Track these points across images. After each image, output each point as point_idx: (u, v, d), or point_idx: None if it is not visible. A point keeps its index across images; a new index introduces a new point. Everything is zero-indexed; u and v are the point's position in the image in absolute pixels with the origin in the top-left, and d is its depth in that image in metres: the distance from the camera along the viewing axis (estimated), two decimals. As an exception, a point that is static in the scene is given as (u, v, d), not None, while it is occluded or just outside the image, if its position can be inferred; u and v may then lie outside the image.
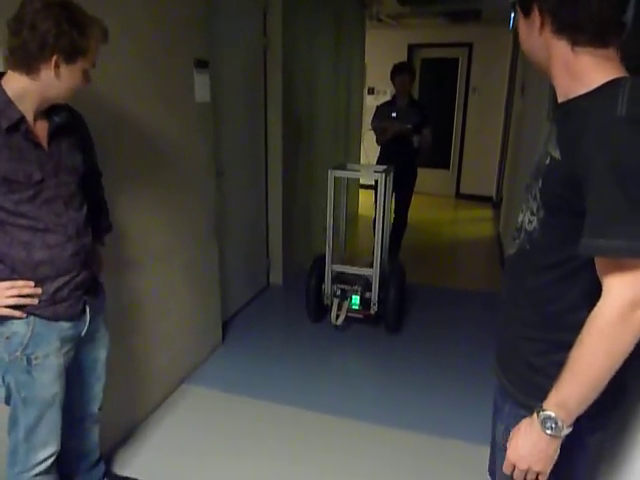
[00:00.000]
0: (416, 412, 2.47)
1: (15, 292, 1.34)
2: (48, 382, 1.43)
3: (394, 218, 4.25)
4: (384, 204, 3.13)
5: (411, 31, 6.88)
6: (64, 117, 1.41)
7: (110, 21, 1.38)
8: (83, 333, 1.53)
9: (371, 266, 3.17)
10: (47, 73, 1.26)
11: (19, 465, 1.49)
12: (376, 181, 3.14)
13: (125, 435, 2.25)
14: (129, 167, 2.09)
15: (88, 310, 1.52)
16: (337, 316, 3.17)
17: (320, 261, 3.28)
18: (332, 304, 3.22)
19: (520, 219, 1.09)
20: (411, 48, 7.02)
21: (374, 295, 3.13)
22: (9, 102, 1.26)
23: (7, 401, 1.45)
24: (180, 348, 2.64)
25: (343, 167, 3.39)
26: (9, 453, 1.50)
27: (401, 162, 3.88)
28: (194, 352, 2.78)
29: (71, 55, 1.26)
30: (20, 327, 1.36)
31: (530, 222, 1.04)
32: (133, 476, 2.00)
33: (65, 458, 1.70)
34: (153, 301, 2.35)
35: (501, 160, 6.62)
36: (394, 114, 4.03)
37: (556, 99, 1.02)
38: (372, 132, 4.27)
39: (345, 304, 3.17)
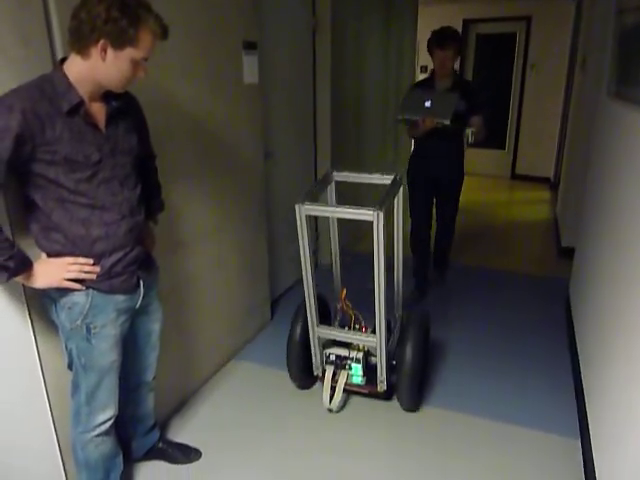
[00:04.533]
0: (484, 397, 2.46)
1: (77, 268, 1.43)
2: (105, 350, 1.53)
3: (436, 232, 3.52)
4: (384, 248, 1.98)
5: (466, 5, 6.65)
6: (121, 101, 1.47)
7: (160, 3, 1.43)
8: (137, 306, 1.62)
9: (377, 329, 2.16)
10: (96, 56, 1.32)
11: (81, 426, 1.61)
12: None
13: (178, 405, 2.37)
14: (180, 150, 2.16)
15: (142, 284, 1.61)
16: (332, 395, 2.32)
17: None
18: (324, 376, 2.35)
19: None
20: (466, 23, 6.79)
21: (381, 370, 2.25)
22: (70, 86, 1.34)
23: (70, 366, 1.57)
24: (230, 325, 2.73)
25: (325, 185, 2.35)
26: (72, 415, 1.62)
27: (442, 161, 3.17)
28: (244, 329, 2.87)
29: (118, 42, 1.30)
30: (80, 298, 1.46)
31: None
32: (185, 442, 2.12)
33: (123, 422, 1.83)
34: (205, 279, 2.44)
35: (560, 139, 6.34)
36: (428, 103, 2.91)
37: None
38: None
39: (342, 376, 2.32)
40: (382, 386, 2.27)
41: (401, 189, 2.26)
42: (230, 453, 2.11)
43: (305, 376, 2.45)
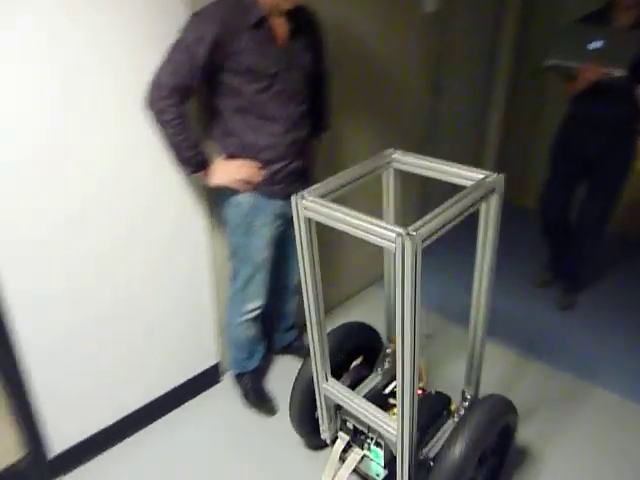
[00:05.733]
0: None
1: (246, 170, 1.62)
2: (260, 247, 1.74)
3: (577, 232, 2.51)
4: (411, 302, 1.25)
5: None
6: (302, 19, 1.58)
7: None
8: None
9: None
10: None
11: (235, 309, 1.88)
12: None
13: (318, 314, 2.58)
14: (347, 76, 2.22)
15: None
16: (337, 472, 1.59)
17: None
18: (333, 445, 1.65)
19: None
20: None
21: (402, 475, 1.45)
22: (255, 1, 1.46)
23: (231, 256, 1.81)
24: (374, 252, 2.82)
25: (379, 170, 1.64)
26: (229, 298, 1.90)
27: (602, 134, 2.24)
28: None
29: None
30: (245, 198, 1.66)
31: None
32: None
33: (268, 317, 2.07)
34: (355, 206, 2.51)
35: None
36: (597, 44, 2.03)
37: None
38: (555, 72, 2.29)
39: (354, 456, 1.59)
40: None
41: (496, 201, 1.39)
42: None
43: (316, 433, 1.74)
